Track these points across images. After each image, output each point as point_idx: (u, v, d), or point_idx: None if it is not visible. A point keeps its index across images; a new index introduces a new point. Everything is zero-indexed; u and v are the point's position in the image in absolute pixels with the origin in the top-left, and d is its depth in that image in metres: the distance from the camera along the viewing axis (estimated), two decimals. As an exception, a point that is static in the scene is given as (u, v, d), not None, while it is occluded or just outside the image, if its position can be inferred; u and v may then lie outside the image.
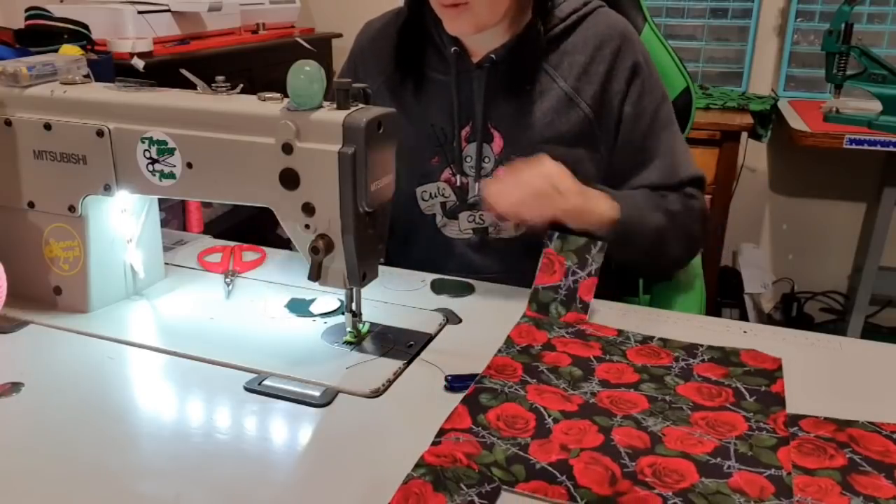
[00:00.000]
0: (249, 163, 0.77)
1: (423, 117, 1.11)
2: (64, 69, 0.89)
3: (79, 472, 0.62)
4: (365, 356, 0.80)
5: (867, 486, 0.60)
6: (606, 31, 1.07)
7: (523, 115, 1.08)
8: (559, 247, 0.93)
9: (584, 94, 1.06)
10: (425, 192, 1.13)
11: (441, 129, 1.11)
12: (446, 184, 1.12)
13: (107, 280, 0.90)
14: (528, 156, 1.04)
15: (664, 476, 0.61)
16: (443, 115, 1.10)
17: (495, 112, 1.08)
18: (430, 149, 1.11)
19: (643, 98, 1.07)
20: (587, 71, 1.07)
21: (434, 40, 1.10)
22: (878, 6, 2.35)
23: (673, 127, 1.10)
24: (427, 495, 0.58)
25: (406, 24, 1.12)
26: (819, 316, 2.65)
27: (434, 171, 1.12)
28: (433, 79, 1.11)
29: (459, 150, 1.10)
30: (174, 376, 0.77)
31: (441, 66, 1.10)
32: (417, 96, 1.11)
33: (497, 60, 1.07)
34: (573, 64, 1.07)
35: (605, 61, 1.06)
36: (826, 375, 0.79)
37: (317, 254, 0.75)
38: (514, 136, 1.08)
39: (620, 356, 0.81)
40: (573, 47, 1.07)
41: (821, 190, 2.56)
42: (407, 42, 1.12)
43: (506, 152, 1.08)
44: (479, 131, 1.09)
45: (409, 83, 1.12)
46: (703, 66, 2.55)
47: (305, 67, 0.72)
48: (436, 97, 1.11)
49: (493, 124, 1.09)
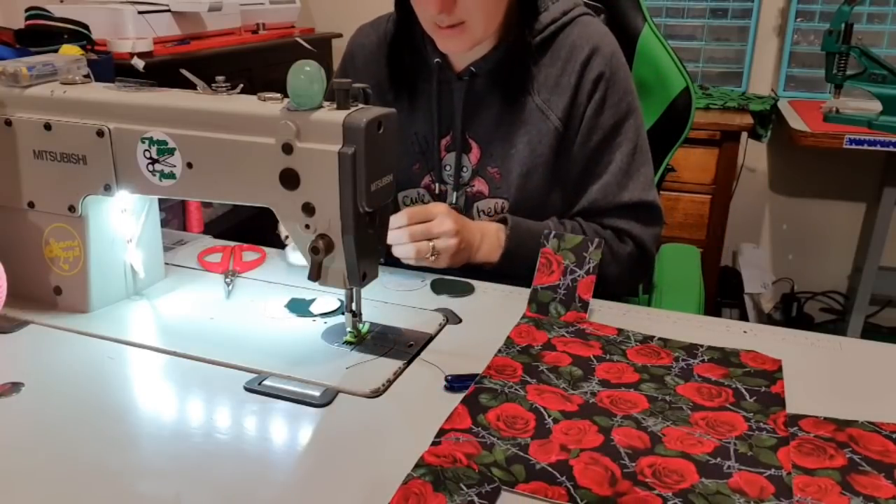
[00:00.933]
0: (249, 163, 0.77)
1: (407, 125, 1.13)
2: (64, 69, 0.89)
3: (79, 472, 0.62)
4: (365, 356, 0.80)
5: (867, 486, 0.60)
6: (578, 42, 1.07)
7: (499, 127, 1.09)
8: (556, 246, 0.93)
9: (555, 106, 1.07)
10: (406, 196, 1.16)
11: (423, 138, 1.13)
12: (426, 190, 1.15)
13: (107, 280, 0.90)
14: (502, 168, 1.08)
15: (664, 476, 0.61)
16: (425, 124, 1.13)
17: (473, 123, 1.10)
18: (412, 156, 1.14)
19: (602, 111, 1.06)
20: (558, 83, 1.07)
21: (420, 51, 1.12)
22: (878, 6, 2.35)
23: (632, 147, 1.08)
24: (427, 495, 0.58)
25: (396, 34, 1.13)
26: (819, 316, 2.65)
27: (415, 178, 1.15)
28: (420, 88, 1.13)
29: (439, 158, 1.12)
30: (174, 376, 0.77)
31: (425, 75, 1.12)
32: (406, 105, 1.13)
33: (477, 72, 1.08)
34: (547, 77, 1.07)
35: (574, 73, 1.06)
36: (826, 375, 0.79)
37: (317, 254, 0.75)
38: (490, 148, 1.10)
39: (620, 356, 0.81)
40: (548, 60, 1.08)
41: (821, 190, 2.56)
42: (397, 52, 1.13)
43: (482, 163, 1.11)
44: (458, 141, 1.10)
45: (399, 92, 1.13)
46: (703, 66, 2.55)
47: (305, 67, 0.72)
48: (420, 106, 1.13)
49: (470, 135, 1.11)
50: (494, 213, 1.11)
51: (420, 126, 1.13)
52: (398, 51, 1.13)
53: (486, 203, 1.11)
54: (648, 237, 1.09)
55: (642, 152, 1.09)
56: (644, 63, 1.27)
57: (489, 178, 1.10)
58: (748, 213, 2.62)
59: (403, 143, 1.13)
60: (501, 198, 1.10)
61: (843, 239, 2.58)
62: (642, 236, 1.08)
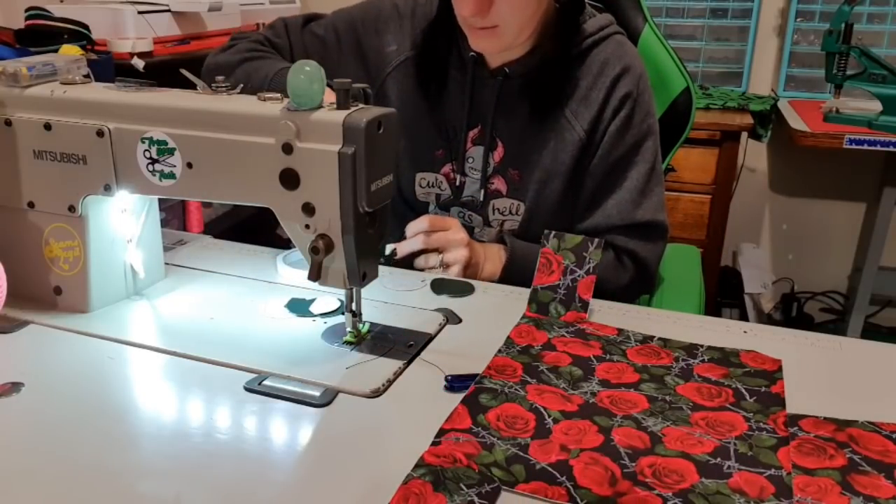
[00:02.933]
0: (249, 163, 0.77)
1: (437, 108, 1.13)
2: (64, 69, 0.89)
3: (79, 472, 0.62)
4: (365, 356, 0.80)
5: (867, 485, 0.60)
6: (611, 60, 1.08)
7: (526, 131, 1.10)
8: (556, 246, 0.93)
9: (582, 118, 1.08)
10: (423, 178, 1.17)
11: (452, 126, 1.13)
12: (444, 177, 1.15)
13: (107, 280, 0.90)
14: (523, 171, 1.10)
15: (664, 476, 0.61)
16: (454, 113, 1.13)
17: (502, 123, 1.11)
18: (437, 140, 1.14)
19: (626, 129, 1.08)
20: (587, 96, 1.08)
21: (457, 41, 1.12)
22: (878, 6, 2.35)
23: (648, 167, 1.09)
24: (427, 495, 0.58)
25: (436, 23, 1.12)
26: (819, 316, 2.65)
27: (436, 162, 1.15)
28: (452, 75, 1.13)
29: (463, 149, 1.13)
30: (174, 376, 0.77)
31: (459, 64, 1.12)
32: (436, 88, 1.13)
33: (510, 74, 1.09)
34: (578, 89, 1.08)
35: (604, 88, 1.07)
36: (826, 375, 0.79)
37: (317, 254, 0.75)
38: (515, 149, 1.11)
39: (621, 356, 0.81)
40: (580, 72, 1.08)
41: (821, 190, 2.56)
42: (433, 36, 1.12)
43: (504, 163, 1.12)
44: (487, 137, 1.11)
45: (433, 73, 1.13)
46: (703, 66, 2.55)
47: (305, 67, 0.72)
48: (452, 94, 1.13)
49: (497, 134, 1.12)
50: (510, 213, 1.12)
51: (449, 113, 1.13)
52: (434, 35, 1.12)
53: (503, 202, 1.12)
54: (653, 257, 1.10)
55: (657, 174, 1.11)
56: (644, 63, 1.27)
57: (509, 178, 1.12)
58: (748, 213, 2.62)
59: (431, 125, 1.14)
60: (518, 199, 1.12)
61: (843, 239, 2.58)
62: (646, 256, 1.09)
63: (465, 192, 1.13)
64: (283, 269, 1.01)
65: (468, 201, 1.14)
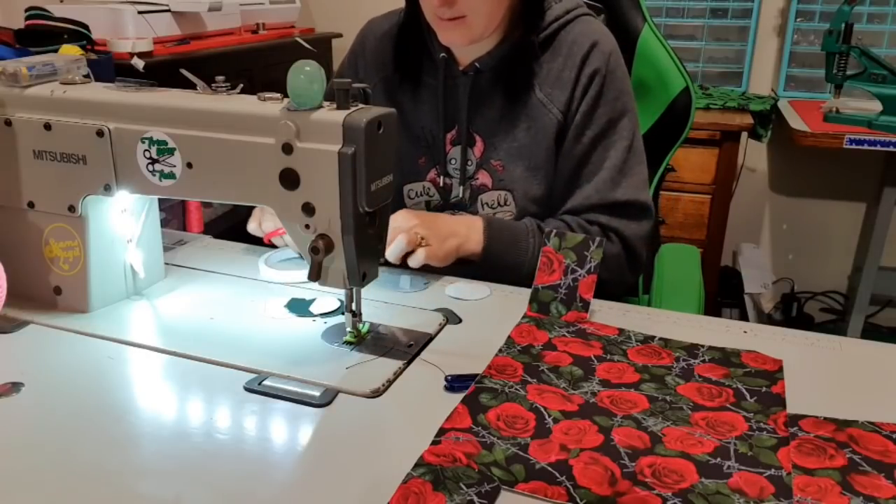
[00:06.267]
0: (249, 163, 0.77)
1: (414, 119, 1.15)
2: (64, 69, 0.89)
3: (79, 472, 0.62)
4: (365, 356, 0.80)
5: (867, 485, 0.60)
6: (579, 39, 1.08)
7: (502, 121, 1.11)
8: (557, 245, 0.93)
9: (557, 100, 1.08)
10: (412, 190, 1.18)
11: (429, 132, 1.15)
12: (431, 183, 1.16)
13: (107, 280, 0.90)
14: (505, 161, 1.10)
15: (664, 476, 0.61)
16: (431, 118, 1.14)
17: (478, 118, 1.12)
18: (418, 149, 1.16)
19: (597, 106, 1.07)
20: (560, 77, 1.08)
21: (426, 45, 1.13)
22: (878, 6, 2.35)
23: (626, 145, 1.08)
24: (427, 495, 0.58)
25: (403, 27, 1.15)
26: (819, 316, 2.65)
27: (421, 171, 1.16)
28: (425, 83, 1.14)
29: (444, 152, 1.14)
30: (174, 376, 0.77)
31: (431, 70, 1.13)
32: (411, 98, 1.15)
33: (481, 68, 1.10)
34: (549, 71, 1.09)
35: (574, 67, 1.08)
36: (826, 375, 0.79)
37: (317, 254, 0.75)
38: (494, 141, 1.11)
39: (621, 356, 0.81)
40: (550, 55, 1.09)
41: (821, 190, 2.56)
42: (405, 46, 1.15)
43: (485, 156, 1.12)
44: (464, 135, 1.12)
45: (405, 85, 1.15)
46: (703, 66, 2.55)
47: (305, 67, 0.72)
48: (426, 100, 1.14)
49: (474, 129, 1.12)
50: (498, 205, 1.13)
51: (426, 120, 1.14)
52: (405, 44, 1.14)
53: (490, 195, 1.13)
54: (637, 236, 1.08)
55: (637, 153, 1.10)
56: (644, 63, 1.27)
57: (492, 170, 1.12)
58: (748, 213, 2.62)
59: (410, 136, 1.15)
60: (505, 189, 1.12)
61: (843, 239, 2.58)
62: (631, 235, 1.08)
63: (452, 194, 1.14)
64: (265, 271, 1.01)
65: (457, 202, 1.15)
